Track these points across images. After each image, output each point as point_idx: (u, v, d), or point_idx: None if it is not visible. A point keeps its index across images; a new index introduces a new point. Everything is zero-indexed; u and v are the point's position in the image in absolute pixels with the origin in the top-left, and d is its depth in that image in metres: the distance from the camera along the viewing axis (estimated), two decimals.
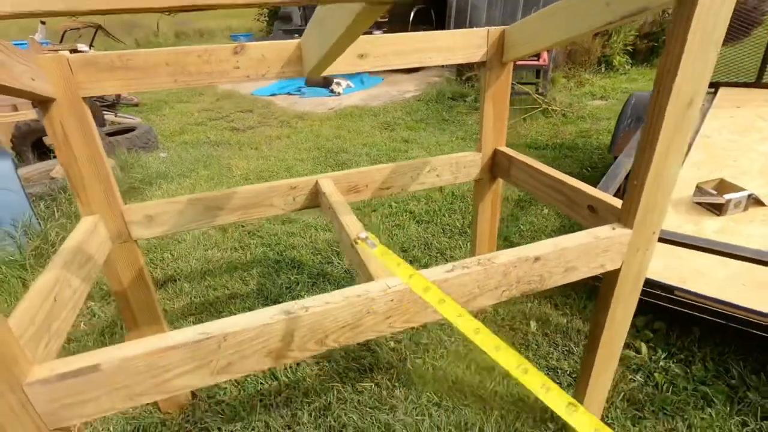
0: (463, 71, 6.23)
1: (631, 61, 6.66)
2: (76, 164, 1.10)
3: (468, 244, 2.38)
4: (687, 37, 0.75)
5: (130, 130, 4.23)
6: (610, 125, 4.27)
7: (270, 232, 2.57)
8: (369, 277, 0.85)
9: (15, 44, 0.86)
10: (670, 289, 1.55)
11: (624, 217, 0.97)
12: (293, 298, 1.99)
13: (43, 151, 3.66)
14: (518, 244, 2.33)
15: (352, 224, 1.05)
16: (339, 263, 2.26)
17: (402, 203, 2.85)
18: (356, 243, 0.65)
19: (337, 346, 0.79)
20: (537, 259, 0.88)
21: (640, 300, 1.57)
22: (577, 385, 1.26)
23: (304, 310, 0.74)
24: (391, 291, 0.79)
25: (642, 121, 2.19)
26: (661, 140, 0.85)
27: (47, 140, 3.62)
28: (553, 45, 1.27)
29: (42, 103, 1.03)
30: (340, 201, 1.19)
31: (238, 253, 2.41)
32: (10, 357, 0.61)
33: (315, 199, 1.38)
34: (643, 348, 1.58)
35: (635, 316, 1.69)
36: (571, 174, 1.31)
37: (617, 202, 1.03)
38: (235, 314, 1.95)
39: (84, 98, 1.06)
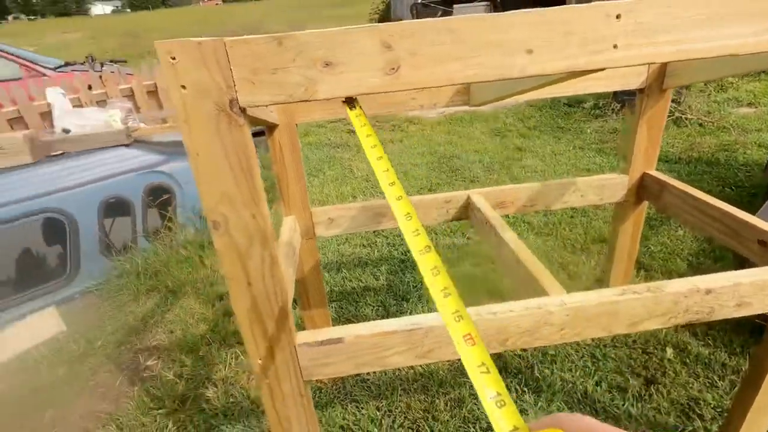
0: None
1: None
2: (285, 175, 1.39)
3: (591, 261, 2.36)
4: None
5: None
6: (762, 138, 3.78)
7: (394, 233, 2.80)
8: (542, 291, 0.97)
9: None
10: None
11: None
12: (419, 297, 2.20)
13: None
14: (649, 266, 2.26)
15: (513, 242, 1.18)
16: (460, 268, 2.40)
17: (520, 214, 2.88)
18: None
19: (514, 349, 0.93)
20: (709, 291, 0.92)
21: None
22: (728, 420, 1.24)
23: (492, 315, 0.89)
24: (567, 306, 0.90)
25: None
26: None
27: None
28: (719, 78, 1.25)
29: (269, 128, 1.33)
30: (496, 217, 1.33)
31: (366, 250, 2.68)
32: (288, 326, 0.86)
33: (465, 213, 1.53)
34: None
35: None
36: (710, 194, 1.28)
37: None
38: (370, 305, 2.18)
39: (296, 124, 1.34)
